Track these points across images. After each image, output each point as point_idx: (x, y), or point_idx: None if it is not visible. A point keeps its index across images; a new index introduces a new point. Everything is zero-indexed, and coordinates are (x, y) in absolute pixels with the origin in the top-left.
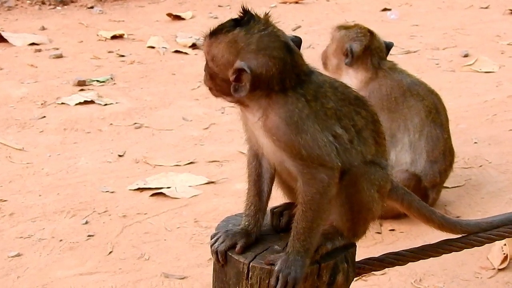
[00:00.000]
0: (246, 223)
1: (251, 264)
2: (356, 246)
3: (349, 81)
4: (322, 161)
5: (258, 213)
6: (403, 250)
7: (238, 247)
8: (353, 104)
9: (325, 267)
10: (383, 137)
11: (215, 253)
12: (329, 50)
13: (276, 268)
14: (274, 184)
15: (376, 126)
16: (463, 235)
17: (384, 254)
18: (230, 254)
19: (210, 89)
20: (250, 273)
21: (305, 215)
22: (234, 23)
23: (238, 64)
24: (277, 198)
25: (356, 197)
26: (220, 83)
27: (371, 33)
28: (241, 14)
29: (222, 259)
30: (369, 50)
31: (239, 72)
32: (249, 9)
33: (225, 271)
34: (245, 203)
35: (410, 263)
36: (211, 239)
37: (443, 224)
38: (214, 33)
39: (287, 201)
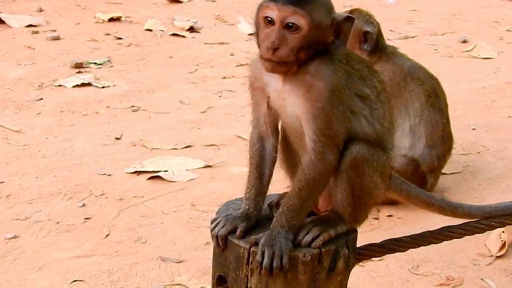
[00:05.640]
0: (247, 206)
1: (251, 249)
2: (357, 231)
3: None
4: (338, 142)
5: (259, 196)
6: (403, 237)
7: (238, 231)
8: (368, 67)
9: (326, 253)
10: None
11: (215, 237)
12: None
13: (261, 242)
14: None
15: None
16: (465, 221)
17: (384, 240)
18: (230, 238)
19: (289, 63)
20: (250, 258)
21: (300, 193)
22: None
23: (338, 16)
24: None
25: (358, 182)
26: (310, 48)
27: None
28: None
29: (222, 243)
30: (379, 32)
31: (341, 24)
32: None
33: (225, 255)
34: (246, 186)
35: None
36: (211, 224)
37: (444, 207)
38: (303, 2)
39: (289, 183)
